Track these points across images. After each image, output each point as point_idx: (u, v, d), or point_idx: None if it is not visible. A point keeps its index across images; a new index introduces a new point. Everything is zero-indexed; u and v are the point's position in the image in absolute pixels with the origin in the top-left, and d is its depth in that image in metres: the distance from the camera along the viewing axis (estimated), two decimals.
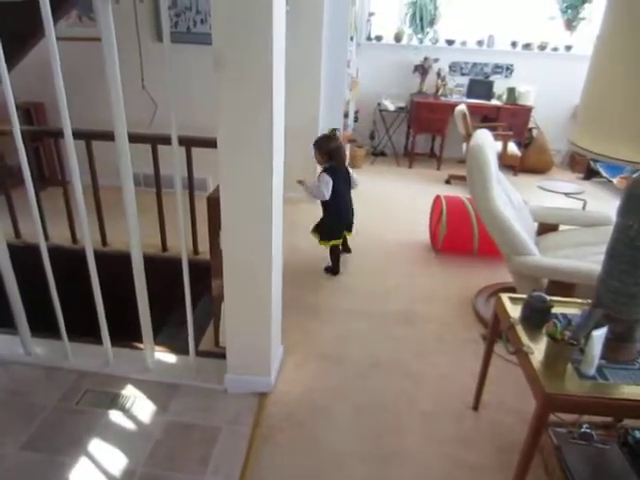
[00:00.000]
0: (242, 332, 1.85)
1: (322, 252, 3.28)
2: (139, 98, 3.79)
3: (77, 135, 1.94)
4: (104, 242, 3.07)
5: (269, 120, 1.47)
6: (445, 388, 2.06)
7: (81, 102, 3.40)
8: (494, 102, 5.12)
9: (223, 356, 2.04)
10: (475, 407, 1.93)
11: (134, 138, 1.66)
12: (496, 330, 1.74)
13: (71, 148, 1.68)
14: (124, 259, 2.89)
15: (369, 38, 5.37)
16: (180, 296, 2.50)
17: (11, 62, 2.52)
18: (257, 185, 1.55)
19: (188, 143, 2.51)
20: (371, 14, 5.33)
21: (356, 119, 5.26)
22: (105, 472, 1.61)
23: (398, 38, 5.32)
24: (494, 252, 2.75)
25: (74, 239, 3.15)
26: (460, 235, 3.18)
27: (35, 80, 3.16)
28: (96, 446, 1.70)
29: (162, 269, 2.47)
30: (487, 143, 2.30)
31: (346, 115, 4.31)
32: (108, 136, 1.69)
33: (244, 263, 1.69)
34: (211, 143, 2.60)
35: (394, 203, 4.25)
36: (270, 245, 1.65)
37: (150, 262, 2.02)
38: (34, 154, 4.19)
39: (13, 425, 1.78)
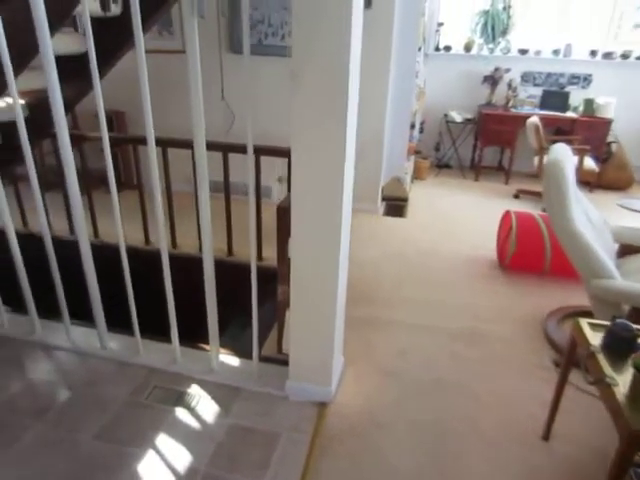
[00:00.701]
0: (306, 340, 1.86)
1: (382, 263, 3.26)
2: (219, 108, 3.92)
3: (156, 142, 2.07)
4: (174, 244, 3.20)
5: (343, 132, 1.48)
6: (511, 413, 1.97)
7: (155, 111, 3.60)
8: (569, 114, 4.89)
9: (285, 363, 2.07)
10: (545, 437, 1.83)
11: (209, 146, 1.72)
12: (572, 357, 1.64)
13: (153, 155, 1.77)
14: (192, 261, 3.01)
15: (437, 48, 5.30)
16: (243, 300, 2.56)
17: (100, 74, 2.71)
18: (328, 196, 1.56)
19: (259, 152, 2.58)
20: (440, 24, 5.26)
21: (421, 130, 5.20)
22: (170, 467, 1.67)
23: (468, 48, 5.21)
24: (568, 272, 2.61)
25: (147, 240, 3.32)
26: (530, 253, 3.05)
27: (116, 90, 3.36)
28: (162, 441, 1.77)
29: (226, 273, 2.54)
30: (566, 158, 2.19)
31: (412, 126, 4.27)
32: (185, 144, 1.76)
33: (311, 272, 1.71)
34: (282, 152, 2.68)
35: (458, 216, 4.14)
36: (338, 255, 1.66)
37: (215, 266, 2.08)
38: (113, 159, 4.47)
39: (88, 414, 1.88)
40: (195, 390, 2.02)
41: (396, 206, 4.11)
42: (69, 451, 1.72)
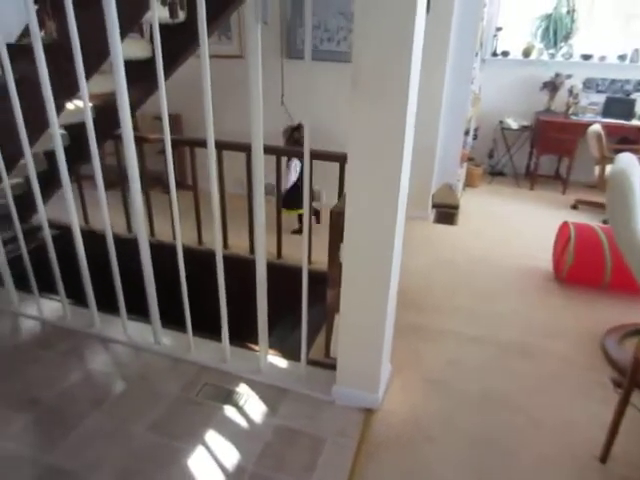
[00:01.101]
0: (354, 346, 1.86)
1: (432, 270, 3.21)
2: (278, 113, 3.99)
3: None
4: (225, 245, 3.27)
5: (401, 138, 1.47)
6: (566, 432, 1.88)
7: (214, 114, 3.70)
8: (635, 122, 4.65)
9: (332, 367, 2.07)
10: (603, 459, 1.73)
11: (266, 150, 1.75)
12: (635, 378, 1.55)
13: (212, 158, 1.82)
14: (242, 262, 3.07)
15: (495, 54, 5.18)
16: (290, 303, 2.58)
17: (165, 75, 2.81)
18: (384, 202, 1.56)
19: (316, 157, 2.59)
20: (498, 29, 5.14)
21: (475, 137, 5.09)
22: (219, 464, 1.70)
23: (527, 53, 5.06)
24: (630, 287, 2.48)
25: (200, 240, 3.41)
26: (589, 265, 2.91)
27: (173, 93, 3.46)
28: (211, 438, 1.81)
29: (274, 275, 2.57)
30: (632, 168, 2.08)
31: (467, 132, 4.18)
32: (242, 147, 1.80)
33: (363, 277, 1.70)
34: (336, 157, 2.69)
35: (512, 226, 4.02)
36: (391, 262, 1.64)
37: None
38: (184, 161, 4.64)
39: (142, 407, 1.95)
40: (243, 389, 2.06)
41: (447, 213, 4.03)
42: (123, 442, 1.79)
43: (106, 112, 2.86)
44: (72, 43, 1.78)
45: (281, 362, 2.21)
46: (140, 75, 2.23)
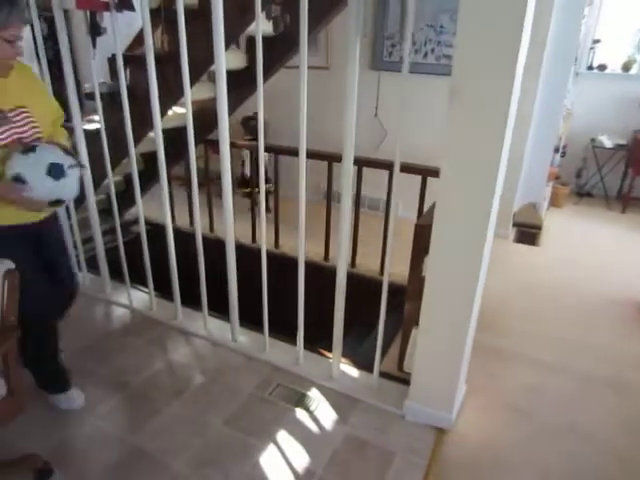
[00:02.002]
0: (431, 362, 1.82)
1: (511, 291, 3.09)
2: (371, 125, 4.04)
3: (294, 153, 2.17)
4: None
5: (498, 154, 1.44)
6: None
7: (295, 123, 3.78)
8: None
9: (404, 381, 2.05)
10: None
11: (356, 161, 1.77)
12: None
13: (303, 165, 1.87)
14: (318, 269, 3.11)
15: (590, 67, 4.90)
16: (364, 313, 2.58)
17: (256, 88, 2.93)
18: (475, 218, 1.52)
19: (404, 170, 2.57)
20: (596, 41, 4.86)
21: (563, 154, 4.83)
22: (289, 464, 1.73)
23: (627, 67, 4.74)
24: None
25: (276, 244, 3.51)
26: None
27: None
28: (283, 438, 1.85)
29: (349, 285, 2.59)
30: None
31: (556, 150, 3.99)
32: (331, 157, 1.83)
33: (447, 293, 1.67)
34: (419, 170, 2.67)
35: (600, 250, 3.77)
36: (477, 279, 1.60)
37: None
38: (255, 165, 4.82)
39: (218, 400, 2.03)
40: (315, 394, 2.08)
41: (529, 233, 3.86)
42: (200, 432, 1.87)
43: (199, 118, 3.03)
44: (181, 54, 1.90)
45: (353, 371, 2.22)
46: (234, 84, 2.34)
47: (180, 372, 2.21)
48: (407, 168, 2.53)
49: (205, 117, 2.79)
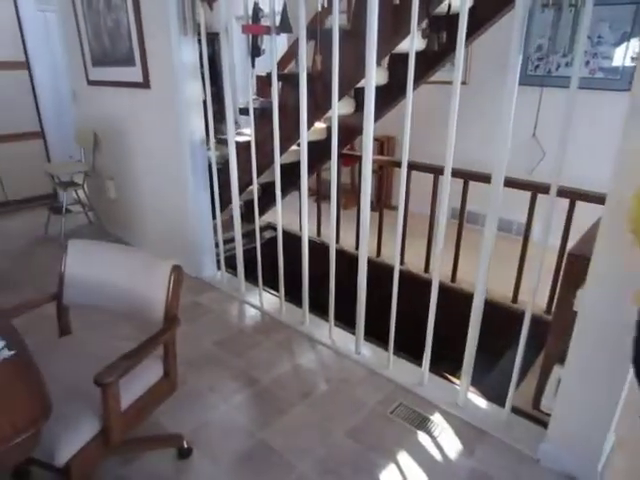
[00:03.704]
0: (577, 406, 1.66)
1: None
2: (527, 145, 3.86)
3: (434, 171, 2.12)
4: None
5: None
6: None
7: (426, 138, 3.73)
8: None
9: (540, 421, 1.90)
10: None
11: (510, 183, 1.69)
12: None
13: (447, 181, 1.84)
14: (446, 291, 3.00)
15: None
16: (490, 340, 2.43)
17: (394, 104, 2.97)
18: None
19: (572, 196, 2.41)
20: None
21: None
22: None
23: None
24: None
25: (402, 261, 3.47)
26: None
27: (388, 116, 3.57)
28: (404, 459, 1.81)
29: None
30: None
31: None
32: (482, 177, 1.77)
33: (607, 333, 1.51)
34: (577, 195, 2.45)
35: None
36: None
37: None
38: (377, 180, 4.86)
39: (342, 410, 2.06)
40: (438, 419, 2.02)
41: None
42: (323, 438, 1.91)
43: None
44: (333, 73, 1.99)
45: (481, 401, 2.11)
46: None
47: (305, 376, 2.28)
48: (584, 196, 2.37)
49: (340, 132, 2.89)
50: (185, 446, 1.80)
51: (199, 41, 2.63)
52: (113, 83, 3.27)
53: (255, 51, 2.38)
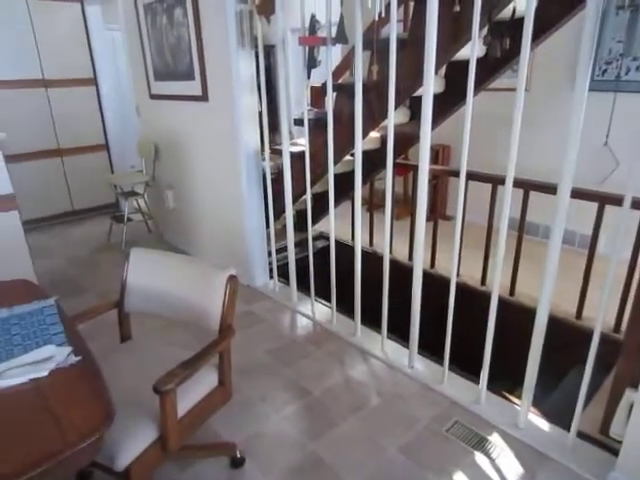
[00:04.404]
0: None
1: None
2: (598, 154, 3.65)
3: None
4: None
5: None
6: None
7: (485, 146, 3.61)
8: None
9: (609, 448, 1.78)
10: None
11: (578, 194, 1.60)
12: None
13: (508, 192, 1.77)
14: (504, 305, 2.87)
15: None
16: (551, 358, 2.30)
17: (451, 112, 2.90)
18: None
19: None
20: None
21: None
22: None
23: None
24: None
25: (458, 273, 3.37)
26: None
27: (443, 125, 3.49)
28: None
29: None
30: None
31: None
32: (548, 188, 1.69)
33: None
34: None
35: None
36: None
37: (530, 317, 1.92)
38: (432, 189, 4.76)
39: (394, 425, 2.01)
40: (496, 440, 1.93)
41: None
42: (375, 453, 1.87)
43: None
44: (389, 83, 1.96)
45: (543, 423, 1.99)
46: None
47: (357, 389, 2.25)
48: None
49: (395, 141, 2.86)
50: (238, 455, 1.81)
51: (256, 54, 2.69)
52: (173, 97, 3.40)
53: (311, 62, 2.40)
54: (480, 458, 1.84)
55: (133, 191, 4.28)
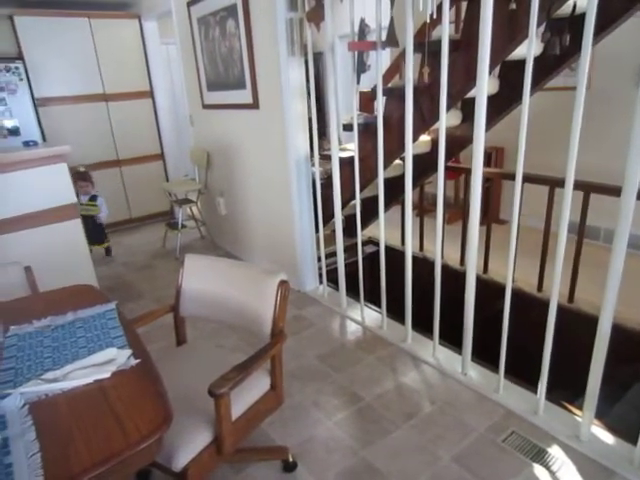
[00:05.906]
0: None
1: None
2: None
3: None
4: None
5: None
6: None
7: (535, 147, 3.47)
8: None
9: None
10: None
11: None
12: None
13: (568, 194, 1.70)
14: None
15: None
16: (613, 367, 2.18)
17: (506, 113, 2.82)
18: None
19: None
20: None
21: None
22: None
23: None
24: None
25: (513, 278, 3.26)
26: None
27: (496, 126, 3.39)
28: None
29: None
30: None
31: None
32: (611, 190, 1.61)
33: None
34: None
35: None
36: None
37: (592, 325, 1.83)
38: (484, 193, 4.63)
39: (448, 433, 1.97)
40: (557, 452, 1.84)
41: None
42: (429, 462, 1.83)
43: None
44: (441, 86, 1.94)
45: (607, 436, 1.89)
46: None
47: (409, 396, 2.21)
48: None
49: (447, 144, 2.81)
50: (290, 460, 1.83)
51: (305, 61, 2.72)
52: (225, 106, 3.49)
53: (361, 67, 2.40)
54: (539, 470, 1.77)
55: (187, 199, 4.43)
